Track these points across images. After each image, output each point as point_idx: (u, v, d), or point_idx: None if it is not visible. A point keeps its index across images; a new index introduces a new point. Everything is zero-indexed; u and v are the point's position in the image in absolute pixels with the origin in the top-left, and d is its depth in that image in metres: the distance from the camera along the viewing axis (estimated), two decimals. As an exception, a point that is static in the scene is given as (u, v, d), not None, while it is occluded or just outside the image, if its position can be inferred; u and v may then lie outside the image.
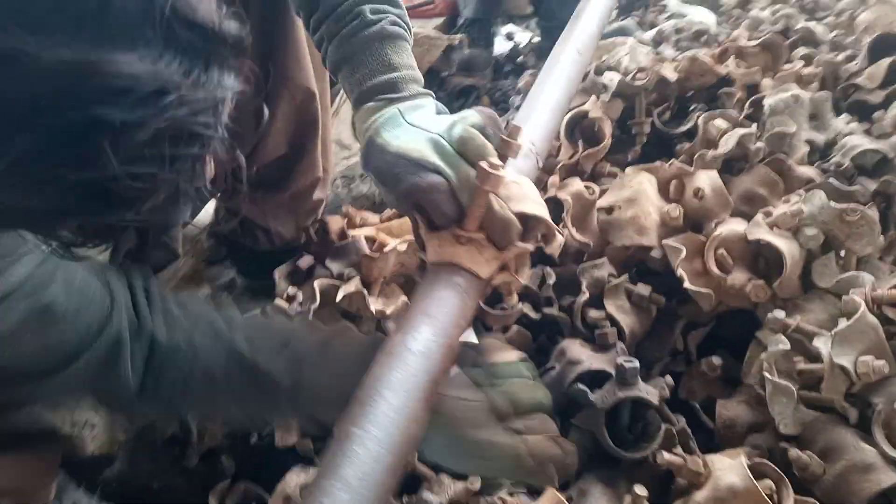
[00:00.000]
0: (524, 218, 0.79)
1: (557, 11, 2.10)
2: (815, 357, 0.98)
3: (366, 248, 1.21)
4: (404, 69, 0.91)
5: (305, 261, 1.19)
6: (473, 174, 0.77)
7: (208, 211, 1.34)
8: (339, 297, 1.09)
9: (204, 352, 0.81)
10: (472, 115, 0.80)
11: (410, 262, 1.19)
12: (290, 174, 1.24)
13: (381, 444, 0.60)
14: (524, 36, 2.28)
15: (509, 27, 2.32)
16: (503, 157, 0.79)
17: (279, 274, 1.20)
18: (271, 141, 1.17)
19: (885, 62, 1.40)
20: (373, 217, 1.35)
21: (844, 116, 1.38)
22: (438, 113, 0.88)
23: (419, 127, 0.83)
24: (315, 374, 0.82)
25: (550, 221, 0.80)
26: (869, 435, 0.90)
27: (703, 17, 2.13)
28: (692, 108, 1.56)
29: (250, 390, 0.82)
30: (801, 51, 1.58)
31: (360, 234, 1.25)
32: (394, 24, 0.90)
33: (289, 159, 1.21)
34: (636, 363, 0.93)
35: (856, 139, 1.29)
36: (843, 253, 1.07)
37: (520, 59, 2.12)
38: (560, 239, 0.84)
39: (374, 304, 1.08)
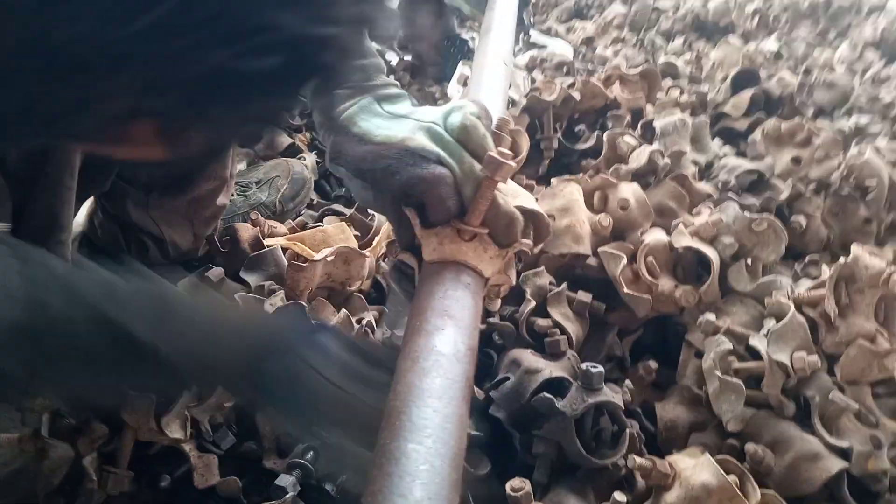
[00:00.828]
0: (521, 213, 0.75)
1: (427, 35, 2.11)
2: (743, 357, 1.04)
3: (284, 259, 1.10)
4: (370, 56, 0.85)
5: (216, 272, 1.04)
6: (477, 166, 0.72)
7: (80, 215, 1.13)
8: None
9: (59, 313, 0.64)
10: (468, 105, 0.75)
11: (337, 273, 1.09)
12: (193, 175, 1.09)
13: (443, 458, 0.53)
14: (391, 55, 2.25)
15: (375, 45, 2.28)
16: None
17: (183, 289, 1.04)
18: (177, 134, 1.02)
19: (747, 94, 1.57)
20: (281, 227, 1.23)
21: (717, 140, 1.52)
22: (414, 105, 0.82)
23: (405, 116, 0.77)
24: (206, 344, 0.68)
25: (546, 216, 0.78)
26: (805, 427, 0.96)
27: (562, 48, 2.26)
28: (578, 128, 1.63)
29: (123, 359, 0.66)
30: (668, 81, 1.72)
31: (273, 243, 1.13)
32: None
33: (194, 157, 1.06)
34: (601, 368, 0.92)
35: (734, 160, 1.42)
36: (749, 261, 1.16)
37: (392, 76, 2.08)
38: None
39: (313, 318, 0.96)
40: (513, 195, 0.76)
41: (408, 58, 2.17)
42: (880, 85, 2.21)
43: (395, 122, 0.76)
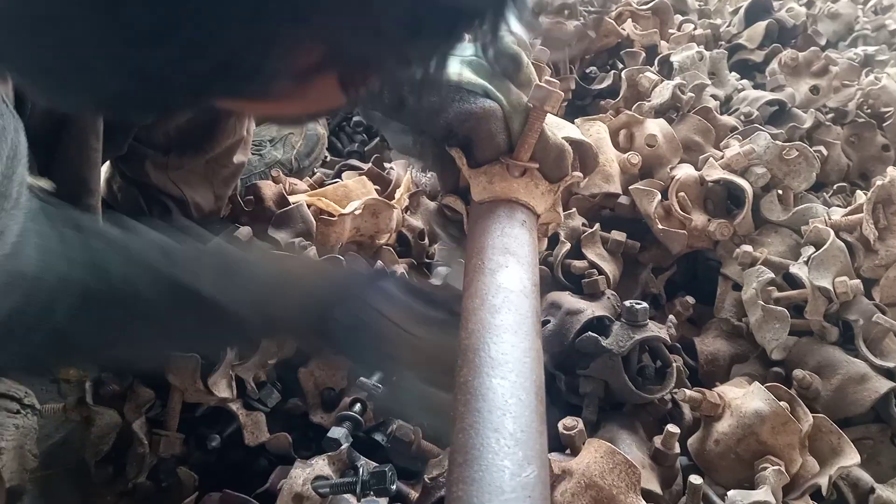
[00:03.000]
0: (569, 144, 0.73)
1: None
2: (781, 286, 1.03)
3: (311, 215, 1.07)
4: None
5: (244, 231, 1.02)
6: (525, 97, 0.69)
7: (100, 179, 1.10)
8: (302, 267, 0.94)
9: (117, 274, 0.62)
10: (507, 34, 0.72)
11: (365, 226, 1.07)
12: (212, 133, 1.06)
13: (528, 391, 0.52)
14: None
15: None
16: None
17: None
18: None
19: (762, 25, 1.54)
20: (301, 184, 1.20)
21: (734, 74, 1.50)
22: None
23: None
24: (279, 300, 0.66)
25: (593, 146, 0.76)
26: (848, 350, 0.96)
27: (563, -9, 2.20)
28: (590, 69, 1.60)
29: (185, 318, 0.65)
30: (678, 17, 1.68)
31: (297, 200, 1.11)
32: None
33: (212, 115, 1.03)
34: (645, 304, 0.91)
35: (755, 92, 1.40)
36: (780, 190, 1.14)
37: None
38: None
39: (350, 271, 0.95)
40: (557, 127, 0.74)
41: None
42: (884, 13, 2.18)
43: None
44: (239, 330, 0.66)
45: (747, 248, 1.05)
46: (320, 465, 0.80)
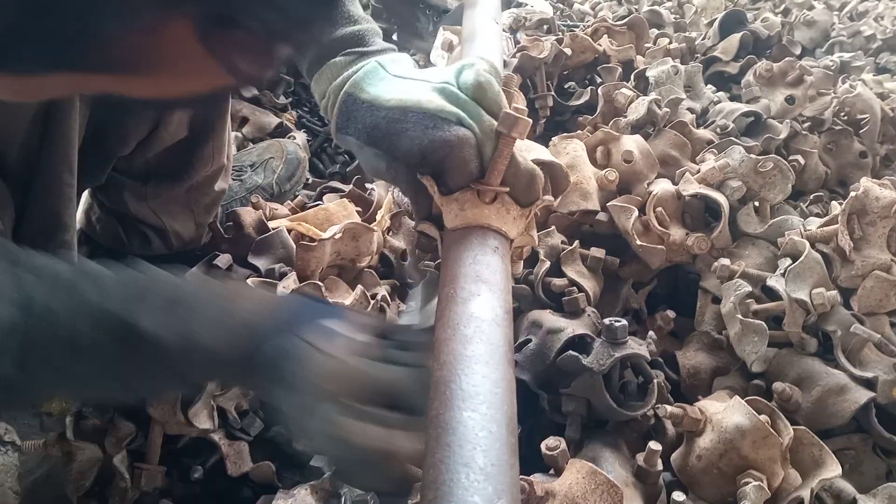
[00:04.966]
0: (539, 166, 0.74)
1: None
2: (760, 298, 1.04)
3: (290, 240, 1.08)
4: (365, 21, 0.82)
5: (224, 259, 1.02)
6: (495, 124, 0.70)
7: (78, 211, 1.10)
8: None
9: (56, 312, 0.57)
10: (479, 62, 0.73)
11: (346, 250, 1.07)
12: (191, 162, 1.06)
13: (499, 424, 0.52)
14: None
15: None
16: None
17: (194, 280, 1.02)
18: (171, 122, 0.99)
19: (736, 37, 1.56)
20: (281, 208, 1.21)
21: (709, 87, 1.51)
22: (417, 66, 0.80)
23: (414, 78, 0.74)
24: (209, 330, 0.60)
25: (563, 167, 0.76)
26: (828, 361, 0.97)
27: (542, 6, 2.22)
28: (568, 85, 1.61)
29: (124, 356, 0.59)
30: (654, 31, 1.70)
31: (277, 225, 1.11)
32: None
33: (190, 144, 1.04)
34: (624, 322, 0.92)
35: (731, 104, 1.41)
36: (756, 203, 1.15)
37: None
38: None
39: (331, 297, 0.95)
40: (526, 150, 0.75)
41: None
42: (859, 20, 2.21)
43: (405, 84, 0.73)
44: (173, 369, 0.60)
45: (725, 261, 1.05)
46: (303, 494, 0.80)
